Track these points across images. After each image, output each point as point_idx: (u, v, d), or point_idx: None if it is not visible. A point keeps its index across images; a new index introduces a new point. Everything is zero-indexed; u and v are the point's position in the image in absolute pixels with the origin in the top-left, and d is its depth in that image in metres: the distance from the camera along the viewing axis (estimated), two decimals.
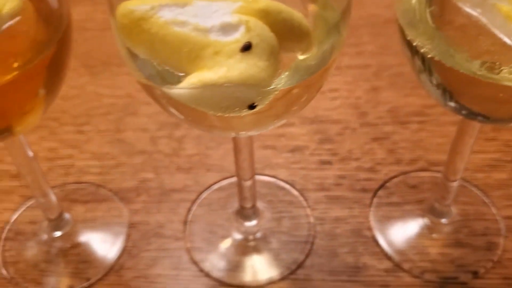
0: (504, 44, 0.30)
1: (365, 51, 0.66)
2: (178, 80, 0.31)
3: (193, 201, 0.53)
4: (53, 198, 0.47)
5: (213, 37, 0.29)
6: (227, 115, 0.31)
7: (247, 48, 0.28)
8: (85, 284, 0.47)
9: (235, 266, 0.48)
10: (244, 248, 0.49)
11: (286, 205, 0.52)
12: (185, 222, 0.51)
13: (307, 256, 0.48)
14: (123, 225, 0.51)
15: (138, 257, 0.49)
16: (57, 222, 0.49)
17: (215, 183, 0.54)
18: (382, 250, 0.48)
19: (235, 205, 0.52)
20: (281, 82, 0.31)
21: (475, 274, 0.46)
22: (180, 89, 0.30)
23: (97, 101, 0.62)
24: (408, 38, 0.33)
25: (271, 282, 0.47)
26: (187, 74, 0.30)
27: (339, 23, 0.32)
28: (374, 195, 0.52)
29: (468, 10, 0.31)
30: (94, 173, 0.56)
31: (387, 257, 0.48)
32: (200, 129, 0.36)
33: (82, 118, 0.60)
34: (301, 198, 0.52)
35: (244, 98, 0.30)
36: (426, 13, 0.34)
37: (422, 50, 0.32)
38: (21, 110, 0.35)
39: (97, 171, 0.56)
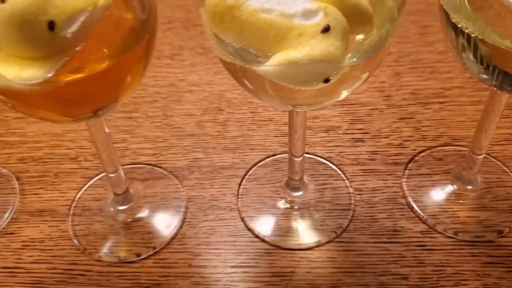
0: None
1: None
2: (255, 58, 0.36)
3: (242, 177, 0.58)
4: (122, 173, 0.52)
5: (297, 21, 0.34)
6: (304, 88, 0.37)
7: (326, 30, 0.34)
8: (152, 252, 0.52)
9: (286, 232, 0.53)
10: (293, 216, 0.54)
11: (327, 178, 0.57)
12: (237, 195, 0.57)
13: (350, 221, 0.54)
14: (181, 199, 0.56)
15: (198, 227, 0.54)
16: (124, 196, 0.54)
17: (260, 160, 0.60)
18: (416, 215, 0.54)
19: (280, 178, 0.57)
20: (347, 60, 0.36)
21: (500, 233, 0.52)
22: (268, 67, 0.35)
23: (143, 90, 0.67)
24: (453, 21, 0.38)
25: (319, 245, 0.52)
26: (272, 54, 0.35)
27: (397, 10, 0.37)
28: (405, 167, 0.58)
29: None
30: (148, 154, 0.61)
31: (422, 221, 0.53)
32: (269, 101, 0.41)
33: (131, 106, 0.65)
34: (339, 172, 0.58)
35: (321, 73, 0.35)
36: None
37: (466, 31, 0.37)
38: (117, 92, 0.41)
39: (150, 153, 0.61)
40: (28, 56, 0.35)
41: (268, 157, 0.60)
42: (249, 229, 0.54)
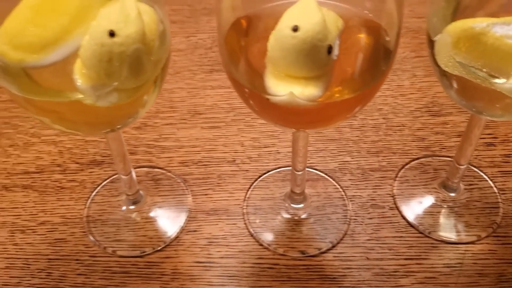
0: None
1: None
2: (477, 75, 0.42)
3: (393, 178, 0.64)
4: (306, 173, 0.57)
5: None
6: None
7: None
8: (330, 246, 0.58)
9: (446, 228, 0.59)
10: (450, 213, 0.60)
11: (471, 179, 0.63)
12: (392, 195, 0.62)
13: (501, 218, 0.60)
14: (343, 198, 0.61)
15: (364, 224, 0.60)
16: (304, 196, 0.59)
17: (406, 163, 0.65)
18: None
19: (429, 180, 0.63)
20: None
21: None
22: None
23: None
24: None
25: (480, 239, 0.58)
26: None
27: None
28: None
29: None
30: None
31: None
32: (471, 108, 0.47)
33: None
34: (481, 173, 0.64)
35: None
36: None
37: None
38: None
39: None
40: (303, 76, 0.41)
41: (412, 160, 0.66)
42: (412, 226, 0.59)
